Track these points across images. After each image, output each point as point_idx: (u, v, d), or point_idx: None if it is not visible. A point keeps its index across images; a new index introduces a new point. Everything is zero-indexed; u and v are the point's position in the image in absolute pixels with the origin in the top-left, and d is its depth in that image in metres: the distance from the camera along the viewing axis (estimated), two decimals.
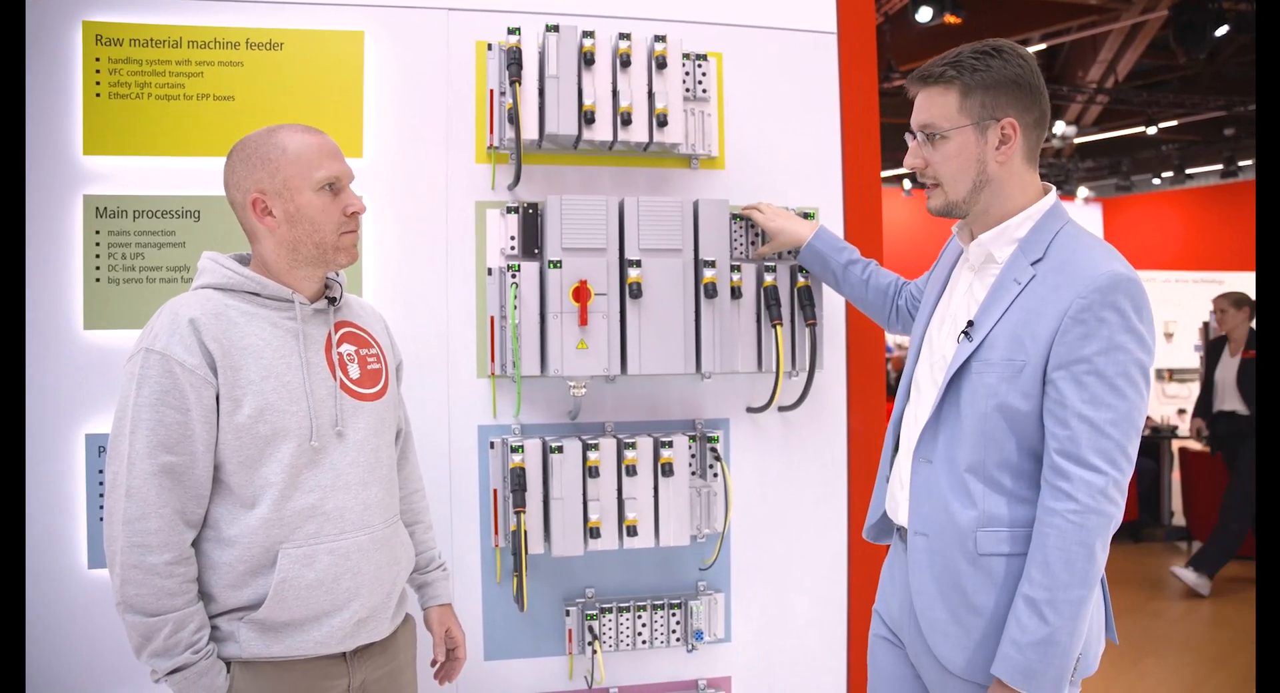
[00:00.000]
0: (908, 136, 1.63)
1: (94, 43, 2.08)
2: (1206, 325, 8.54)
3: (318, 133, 1.59)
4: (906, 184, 13.74)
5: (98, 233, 2.07)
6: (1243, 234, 12.49)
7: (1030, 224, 1.56)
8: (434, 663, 1.84)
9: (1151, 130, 10.79)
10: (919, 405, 1.65)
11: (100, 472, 2.03)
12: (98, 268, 2.07)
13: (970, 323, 1.55)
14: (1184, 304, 10.75)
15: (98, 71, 2.08)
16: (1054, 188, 1.62)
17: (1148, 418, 7.33)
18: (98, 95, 2.08)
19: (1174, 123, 11.38)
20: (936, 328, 1.68)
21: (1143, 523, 6.84)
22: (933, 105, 1.56)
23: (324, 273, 1.63)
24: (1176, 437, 7.19)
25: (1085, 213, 14.28)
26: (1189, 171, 13.57)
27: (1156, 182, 14.45)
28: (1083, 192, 14.66)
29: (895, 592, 1.70)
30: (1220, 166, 12.81)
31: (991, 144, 1.54)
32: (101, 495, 2.02)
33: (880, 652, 1.75)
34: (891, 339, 12.96)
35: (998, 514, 1.51)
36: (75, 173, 2.07)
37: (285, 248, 1.56)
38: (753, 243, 2.28)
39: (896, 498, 1.69)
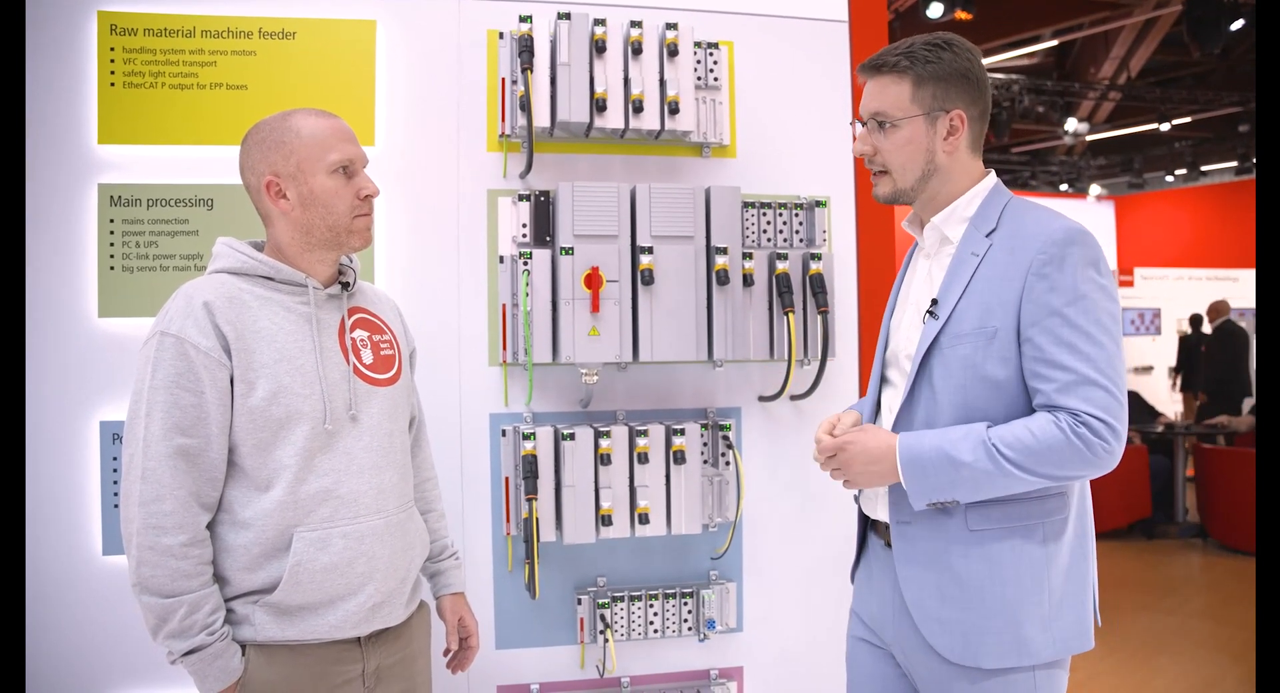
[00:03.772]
0: (854, 124, 1.64)
1: (108, 32, 2.09)
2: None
3: (332, 116, 1.59)
4: None
5: (112, 221, 2.08)
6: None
7: (978, 202, 1.58)
8: (447, 652, 1.84)
9: (1164, 127, 10.71)
10: (892, 398, 1.64)
11: (115, 458, 2.04)
12: (112, 256, 2.08)
13: (934, 302, 1.55)
14: (1197, 301, 10.68)
15: (112, 61, 2.09)
16: (993, 171, 1.65)
17: (1161, 415, 7.27)
18: (112, 85, 2.09)
19: (1187, 119, 11.30)
20: (898, 320, 1.68)
21: (1156, 520, 6.79)
22: (885, 94, 1.57)
23: (338, 256, 1.63)
24: (1190, 433, 7.14)
25: (1097, 211, 14.16)
26: (1204, 168, 13.47)
27: (1170, 179, 14.35)
28: (1095, 189, 14.56)
29: (874, 592, 1.67)
30: (1235, 164, 12.72)
31: (940, 134, 1.57)
32: (116, 482, 2.04)
33: (860, 653, 1.72)
34: None
35: None
36: (90, 162, 2.08)
37: (299, 231, 1.57)
38: (764, 231, 2.27)
39: (872, 495, 1.67)
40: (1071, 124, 10.85)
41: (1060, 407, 1.42)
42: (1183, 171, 13.54)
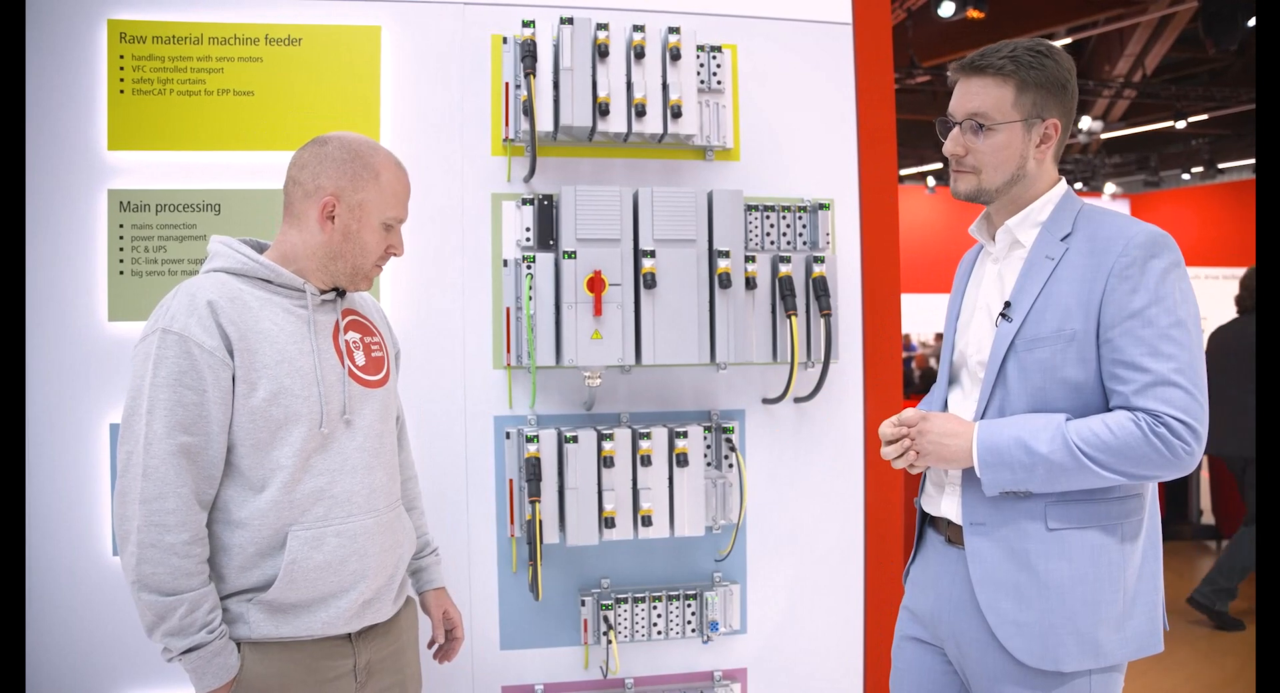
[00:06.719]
0: (944, 121, 1.62)
1: (118, 40, 2.12)
2: None
3: (405, 172, 1.66)
4: (930, 181, 13.63)
5: (121, 226, 2.11)
6: None
7: (1051, 207, 1.59)
8: (432, 644, 1.87)
9: (1180, 125, 10.63)
10: (962, 401, 1.64)
11: None
12: (121, 261, 2.11)
13: (1007, 304, 1.56)
14: (1215, 301, 10.60)
15: (122, 68, 2.12)
16: (1064, 178, 1.65)
17: None
18: (122, 91, 2.12)
19: (1203, 117, 11.21)
20: (966, 322, 1.68)
21: (1168, 521, 6.75)
22: (985, 95, 1.56)
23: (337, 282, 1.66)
24: None
25: (1112, 209, 14.10)
26: (1221, 166, 13.36)
27: (1185, 177, 14.24)
28: (1110, 188, 14.47)
29: (930, 588, 1.67)
30: (1253, 160, 12.60)
31: (1034, 141, 1.57)
32: None
33: (909, 650, 1.72)
34: (915, 337, 12.86)
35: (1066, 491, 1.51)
36: (100, 168, 2.11)
37: (325, 253, 1.60)
38: (770, 237, 2.28)
39: (935, 493, 1.67)
40: (1086, 122, 10.79)
41: (1138, 408, 1.43)
42: (1199, 169, 13.44)
